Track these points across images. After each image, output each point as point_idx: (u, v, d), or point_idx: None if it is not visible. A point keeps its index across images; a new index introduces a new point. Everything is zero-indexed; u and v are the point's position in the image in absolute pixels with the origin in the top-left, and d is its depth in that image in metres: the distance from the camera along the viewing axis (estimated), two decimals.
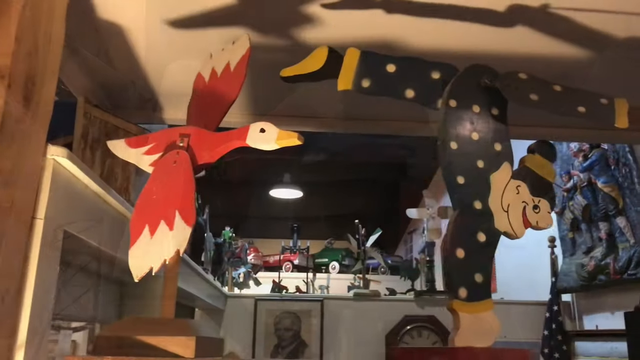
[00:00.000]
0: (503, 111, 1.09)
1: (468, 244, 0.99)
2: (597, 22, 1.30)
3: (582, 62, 1.45)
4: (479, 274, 0.98)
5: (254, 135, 0.93)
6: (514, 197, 1.04)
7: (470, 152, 1.05)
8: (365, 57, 1.10)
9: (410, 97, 1.10)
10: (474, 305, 0.96)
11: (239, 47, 1.05)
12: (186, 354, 0.82)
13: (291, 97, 1.66)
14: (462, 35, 1.34)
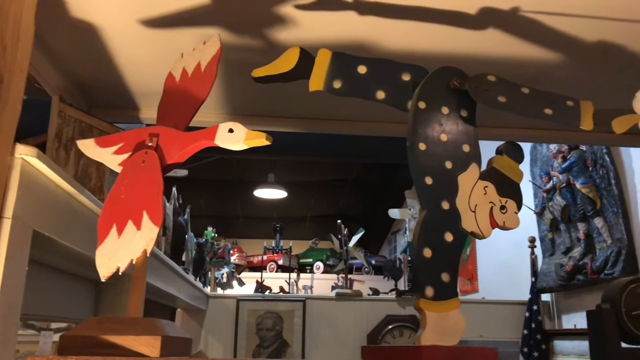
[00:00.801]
0: (472, 113, 1.11)
1: (435, 243, 1.00)
2: (567, 25, 1.32)
3: (553, 65, 1.47)
4: (445, 273, 0.99)
5: (222, 135, 0.94)
6: (481, 198, 1.05)
7: (438, 153, 1.06)
8: (336, 58, 1.11)
9: (381, 98, 1.11)
10: (441, 304, 0.97)
11: (210, 47, 1.05)
12: (152, 353, 0.82)
13: (267, 97, 1.67)
14: (434, 38, 1.35)
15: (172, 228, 3.03)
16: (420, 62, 1.16)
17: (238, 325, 3.95)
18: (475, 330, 4.01)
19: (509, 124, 1.67)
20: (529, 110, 1.09)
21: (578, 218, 3.66)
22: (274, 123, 1.73)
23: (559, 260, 3.87)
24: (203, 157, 6.94)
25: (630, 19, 1.29)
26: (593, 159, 3.53)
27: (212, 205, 8.54)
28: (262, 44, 1.42)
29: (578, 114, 1.08)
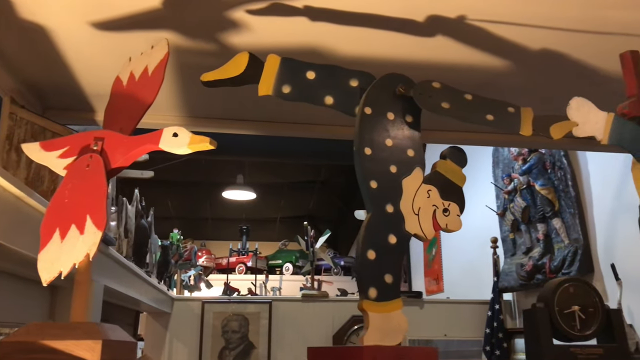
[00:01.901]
0: (417, 118, 1.14)
1: (379, 245, 1.02)
2: (512, 34, 1.37)
3: (500, 72, 1.52)
4: (389, 275, 1.02)
5: (167, 139, 0.94)
6: (424, 201, 1.08)
7: (383, 157, 1.09)
8: (285, 63, 1.13)
9: (330, 103, 1.13)
10: (384, 305, 1.00)
11: (158, 52, 1.06)
12: (92, 357, 0.82)
13: (225, 99, 1.67)
14: (385, 44, 1.38)
15: (134, 230, 2.99)
16: (372, 68, 1.19)
17: (203, 328, 3.93)
18: (439, 329, 4.07)
19: (456, 127, 1.72)
20: (471, 116, 1.13)
21: (537, 219, 3.76)
22: (232, 126, 1.74)
23: (519, 260, 3.96)
24: (171, 158, 6.87)
25: (571, 29, 1.34)
26: (552, 161, 3.63)
27: (180, 207, 8.46)
28: (217, 48, 1.42)
29: (518, 120, 1.12)
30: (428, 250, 5.89)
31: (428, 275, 5.88)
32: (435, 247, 5.68)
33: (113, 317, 3.04)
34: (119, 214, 2.70)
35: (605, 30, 1.32)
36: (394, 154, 1.10)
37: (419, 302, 4.20)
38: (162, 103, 1.75)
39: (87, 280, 0.93)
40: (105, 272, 2.07)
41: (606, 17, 1.29)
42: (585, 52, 1.41)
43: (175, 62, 1.52)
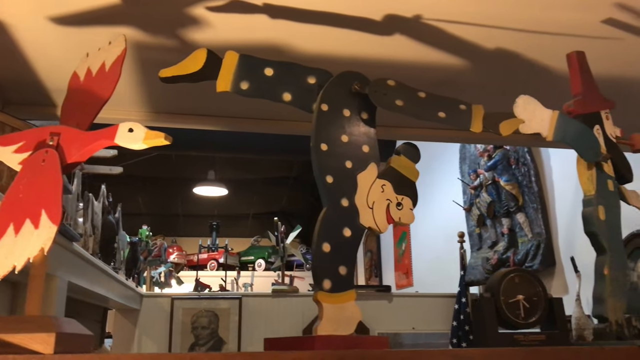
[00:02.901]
0: (372, 115, 1.17)
1: (334, 238, 1.05)
2: (467, 33, 1.41)
3: (457, 70, 1.56)
4: (343, 267, 1.05)
5: (122, 135, 0.95)
6: (379, 195, 1.11)
7: (339, 153, 1.11)
8: (243, 60, 1.14)
9: (288, 100, 1.15)
10: (337, 296, 1.03)
11: (115, 47, 1.06)
12: (45, 350, 0.83)
13: (188, 95, 1.68)
14: (343, 42, 1.41)
15: (101, 227, 2.97)
16: (331, 65, 1.21)
17: (173, 324, 3.92)
18: (407, 323, 4.14)
19: (411, 123, 1.76)
20: (424, 113, 1.16)
21: (502, 214, 3.85)
22: (195, 121, 1.75)
23: (485, 254, 4.05)
24: (141, 154, 6.80)
25: (523, 29, 1.38)
26: (516, 157, 3.72)
27: (151, 203, 8.38)
28: (178, 44, 1.43)
29: (469, 117, 1.16)
30: (398, 245, 5.97)
31: (398, 270, 5.96)
32: (405, 242, 5.76)
33: (79, 314, 3.01)
34: (85, 210, 2.68)
35: (556, 31, 1.38)
36: (349, 149, 1.12)
37: (387, 296, 4.26)
38: (125, 99, 1.74)
39: (41, 275, 0.93)
40: (69, 268, 2.06)
41: (556, 18, 1.34)
42: (537, 51, 1.46)
43: (138, 58, 1.52)
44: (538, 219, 3.52)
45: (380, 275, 6.48)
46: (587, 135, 1.17)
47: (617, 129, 1.24)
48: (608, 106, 1.25)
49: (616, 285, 1.11)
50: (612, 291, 1.10)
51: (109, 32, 1.39)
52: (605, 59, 1.44)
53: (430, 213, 5.24)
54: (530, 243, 3.57)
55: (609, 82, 1.51)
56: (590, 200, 1.15)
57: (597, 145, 1.17)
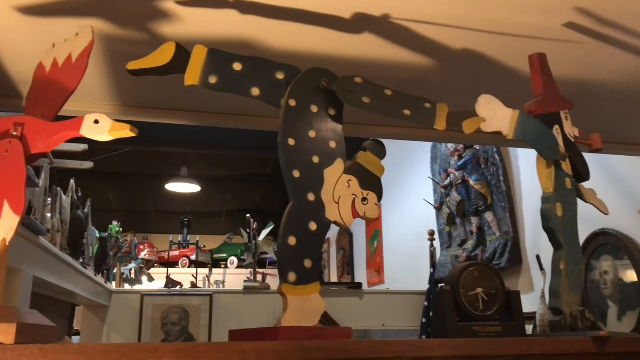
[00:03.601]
0: (339, 112, 1.19)
1: (300, 232, 1.07)
2: (435, 34, 1.44)
3: (426, 70, 1.59)
4: (308, 260, 1.06)
5: (88, 126, 0.95)
6: (345, 190, 1.14)
7: (306, 148, 1.13)
8: (212, 54, 1.15)
9: (256, 95, 1.17)
10: (302, 288, 1.04)
11: (82, 39, 1.06)
12: (6, 340, 0.83)
13: (158, 89, 1.68)
14: (313, 39, 1.42)
15: (69, 222, 2.93)
16: (301, 62, 1.23)
17: (142, 321, 3.88)
18: (378, 319, 4.18)
19: (380, 122, 1.79)
20: (390, 111, 1.19)
21: (472, 213, 3.92)
22: (165, 115, 1.75)
23: (454, 252, 4.13)
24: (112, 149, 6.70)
25: (489, 31, 1.42)
26: (485, 157, 3.80)
27: (122, 199, 8.27)
28: (148, 37, 1.43)
29: (434, 115, 1.19)
30: (370, 243, 6.02)
31: (370, 267, 6.01)
32: (378, 240, 5.82)
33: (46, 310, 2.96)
34: (52, 205, 2.64)
35: (519, 33, 1.42)
36: (316, 145, 1.14)
37: (358, 293, 4.29)
38: (94, 92, 1.73)
39: (3, 266, 0.93)
40: (35, 263, 2.03)
41: (519, 21, 1.38)
42: (502, 53, 1.50)
43: (107, 50, 1.52)
44: (506, 218, 3.60)
45: (353, 273, 6.52)
46: (547, 134, 1.21)
47: (575, 129, 1.29)
48: (567, 107, 1.30)
49: (571, 279, 1.15)
50: (567, 285, 1.14)
51: (77, 23, 1.37)
52: (566, 61, 1.49)
53: (402, 211, 5.30)
54: (498, 241, 3.64)
55: (569, 84, 1.56)
56: (549, 197, 1.19)
57: (556, 144, 1.22)
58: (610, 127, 2.03)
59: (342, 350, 0.95)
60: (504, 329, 1.16)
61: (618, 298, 2.86)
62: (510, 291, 1.23)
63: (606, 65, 1.57)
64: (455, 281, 1.17)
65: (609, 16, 1.35)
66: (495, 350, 0.98)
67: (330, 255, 7.34)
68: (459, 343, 0.98)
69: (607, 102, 1.77)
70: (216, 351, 0.91)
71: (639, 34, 1.41)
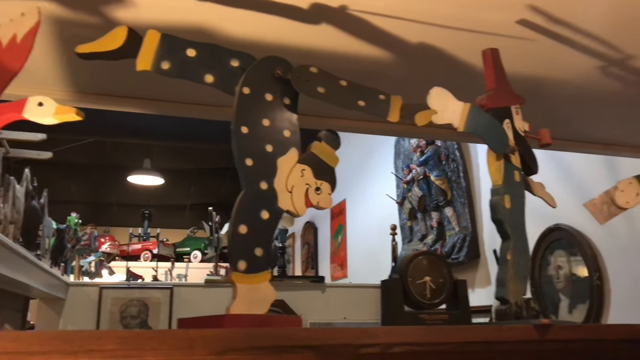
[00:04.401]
0: (294, 101, 1.19)
1: (251, 220, 1.07)
2: (393, 27, 1.45)
3: (386, 63, 1.60)
4: (259, 248, 1.06)
5: (31, 109, 0.93)
6: (298, 180, 1.14)
7: (260, 137, 1.13)
8: (165, 40, 1.13)
9: (210, 82, 1.16)
10: (252, 276, 1.04)
11: (28, 19, 1.03)
12: None
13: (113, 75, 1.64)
14: (273, 29, 1.42)
15: (23, 212, 2.85)
16: (259, 51, 1.22)
17: (100, 314, 3.81)
18: (339, 312, 4.21)
19: (337, 114, 1.80)
20: (344, 101, 1.20)
21: (432, 208, 3.99)
22: (119, 103, 1.71)
23: (415, 247, 4.19)
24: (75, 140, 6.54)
25: (445, 26, 1.44)
26: (446, 154, 3.86)
27: (84, 191, 8.09)
28: (101, 22, 1.40)
29: (387, 107, 1.20)
30: (334, 237, 6.05)
31: (334, 262, 6.04)
32: (342, 235, 5.85)
33: None
34: (5, 194, 2.57)
35: (474, 28, 1.44)
36: (270, 133, 1.14)
37: (320, 287, 4.31)
38: (47, 77, 1.68)
39: None
40: None
41: (475, 16, 1.40)
42: (458, 47, 1.52)
43: (61, 34, 1.48)
44: (465, 213, 3.67)
45: (317, 267, 6.55)
46: (496, 128, 1.24)
47: (525, 124, 1.32)
48: (518, 102, 1.33)
49: (517, 269, 1.18)
50: (513, 275, 1.17)
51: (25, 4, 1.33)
52: (519, 57, 1.52)
53: (366, 206, 5.34)
54: (457, 236, 3.71)
55: (522, 80, 1.60)
56: (498, 189, 1.22)
57: (506, 137, 1.24)
58: (564, 124, 2.09)
59: (288, 338, 0.95)
60: (450, 316, 1.18)
61: (569, 291, 2.96)
62: (457, 280, 1.26)
63: (559, 63, 1.61)
64: (404, 270, 1.19)
65: (561, 15, 1.38)
66: (440, 337, 1.00)
67: (294, 249, 7.35)
68: (405, 330, 1.00)
69: (560, 99, 1.82)
70: (161, 338, 0.90)
71: (588, 34, 1.45)
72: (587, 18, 1.38)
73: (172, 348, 0.90)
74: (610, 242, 2.79)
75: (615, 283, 2.74)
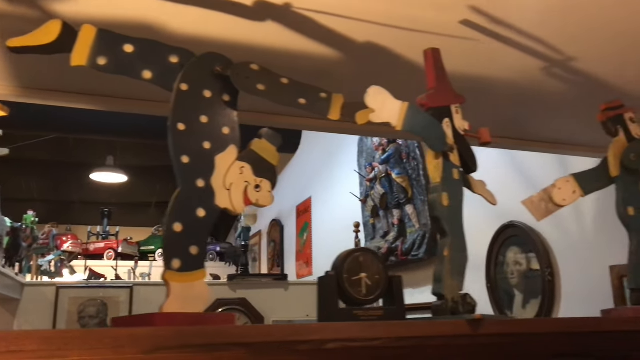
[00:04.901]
0: (234, 98, 1.18)
1: (187, 218, 1.06)
2: (338, 25, 1.46)
3: (334, 61, 1.61)
4: (194, 247, 1.05)
5: None
6: (237, 177, 1.13)
7: (197, 134, 1.12)
8: (101, 35, 1.11)
9: (148, 78, 1.14)
10: (187, 275, 1.03)
11: None
12: None
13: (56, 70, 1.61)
14: (217, 25, 1.41)
15: None
16: (203, 48, 1.21)
17: (57, 314, 3.74)
18: (302, 310, 4.22)
19: (283, 111, 1.80)
20: (285, 99, 1.20)
21: (394, 205, 4.02)
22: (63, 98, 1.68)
23: (377, 244, 4.22)
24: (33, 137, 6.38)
25: (390, 25, 1.45)
26: (407, 152, 3.90)
27: (45, 188, 7.91)
28: (41, 16, 1.37)
29: (328, 105, 1.21)
30: (300, 235, 6.06)
31: (300, 259, 6.05)
32: (307, 232, 5.86)
33: None
34: None
35: (419, 28, 1.46)
36: (208, 130, 1.13)
37: (284, 285, 4.32)
38: None
39: None
40: None
41: (419, 16, 1.42)
42: (403, 47, 1.54)
43: None
44: (425, 210, 3.71)
45: (283, 265, 6.54)
46: (435, 127, 1.26)
47: (465, 123, 1.35)
48: (459, 101, 1.35)
49: (454, 265, 1.20)
50: (450, 270, 1.19)
51: None
52: (464, 57, 1.55)
53: (331, 204, 5.36)
54: (417, 233, 3.76)
55: (467, 79, 1.63)
56: (436, 187, 1.24)
57: (444, 136, 1.26)
58: (513, 123, 2.14)
59: (221, 335, 0.95)
60: (385, 312, 1.20)
61: (523, 287, 3.03)
62: (392, 276, 1.27)
63: (503, 63, 1.64)
64: (339, 266, 1.20)
65: (501, 16, 1.41)
66: (374, 333, 1.02)
67: (261, 247, 7.33)
68: (339, 326, 1.01)
69: (507, 99, 1.85)
70: (87, 338, 0.89)
71: (529, 35, 1.49)
72: (524, 18, 1.41)
73: (99, 348, 0.89)
74: (562, 239, 2.86)
75: (566, 278, 2.82)
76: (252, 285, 4.21)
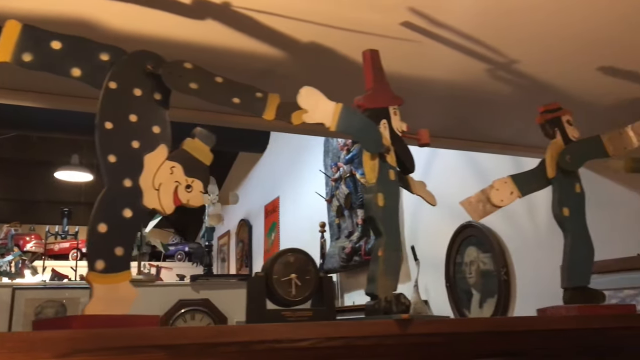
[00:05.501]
0: (166, 97, 1.16)
1: (112, 219, 1.04)
2: (281, 25, 1.45)
3: (277, 61, 1.60)
4: (120, 248, 1.04)
5: None
6: (167, 177, 1.12)
7: (125, 132, 1.10)
8: (27, 31, 1.08)
9: (77, 75, 1.12)
10: (111, 276, 1.02)
11: None
12: None
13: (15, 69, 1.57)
14: (155, 23, 1.39)
15: None
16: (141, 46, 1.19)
17: (13, 316, 3.65)
18: None
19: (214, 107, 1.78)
20: (219, 98, 1.19)
21: (358, 205, 4.04)
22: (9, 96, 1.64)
23: (342, 244, 4.23)
24: None
25: (333, 26, 1.45)
26: None
27: (8, 187, 7.72)
28: None
29: (264, 105, 1.20)
30: (268, 235, 6.04)
31: None
32: (275, 232, 5.85)
33: None
34: None
35: (360, 29, 1.46)
36: (137, 129, 1.12)
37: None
38: None
39: None
40: None
41: (360, 17, 1.42)
42: (347, 48, 1.54)
43: None
44: None
45: (251, 265, 6.51)
46: (370, 128, 1.26)
47: (404, 124, 1.35)
48: (397, 102, 1.36)
49: (388, 265, 1.21)
50: (384, 270, 1.20)
51: None
52: (403, 58, 1.56)
53: (298, 204, 5.36)
54: None
55: (406, 80, 1.64)
56: (371, 187, 1.25)
57: (380, 137, 1.27)
58: (462, 124, 2.16)
59: (141, 337, 0.94)
60: (315, 313, 1.20)
61: (480, 286, 3.07)
62: (323, 277, 1.28)
63: (447, 65, 1.66)
64: (269, 267, 1.20)
65: (441, 18, 1.42)
66: (301, 334, 1.01)
67: (230, 247, 7.28)
68: (265, 327, 1.00)
69: (449, 100, 1.87)
70: (3, 341, 0.86)
71: (470, 36, 1.50)
72: (465, 20, 1.43)
73: (12, 351, 0.87)
74: (517, 239, 2.91)
75: (521, 278, 2.86)
76: (215, 286, 4.18)
